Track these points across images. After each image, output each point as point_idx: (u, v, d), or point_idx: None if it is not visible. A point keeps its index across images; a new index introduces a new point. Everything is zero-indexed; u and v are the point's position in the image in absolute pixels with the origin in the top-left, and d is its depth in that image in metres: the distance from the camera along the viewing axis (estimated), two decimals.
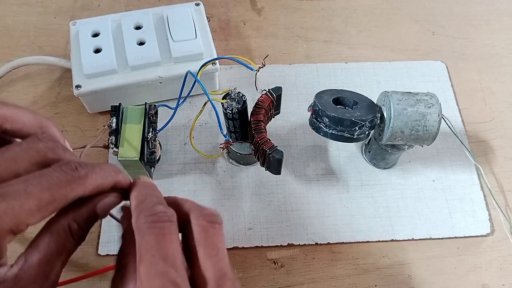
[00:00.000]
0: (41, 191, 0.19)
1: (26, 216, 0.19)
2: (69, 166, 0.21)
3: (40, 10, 0.54)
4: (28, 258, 0.21)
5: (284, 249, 0.41)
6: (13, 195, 0.19)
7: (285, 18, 0.56)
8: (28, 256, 0.21)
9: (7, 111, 0.22)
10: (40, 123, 0.23)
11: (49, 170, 0.21)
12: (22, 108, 0.23)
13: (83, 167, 0.21)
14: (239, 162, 0.45)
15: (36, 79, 0.49)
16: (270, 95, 0.38)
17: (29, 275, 0.20)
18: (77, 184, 0.21)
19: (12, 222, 0.19)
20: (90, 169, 0.21)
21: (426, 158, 0.47)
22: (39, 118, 0.23)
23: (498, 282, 0.41)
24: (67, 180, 0.20)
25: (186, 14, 0.46)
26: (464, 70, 0.53)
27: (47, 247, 0.21)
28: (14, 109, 0.23)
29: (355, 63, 0.53)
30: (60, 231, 0.22)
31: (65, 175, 0.20)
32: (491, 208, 0.44)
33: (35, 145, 0.21)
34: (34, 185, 0.19)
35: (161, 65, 0.44)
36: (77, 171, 0.21)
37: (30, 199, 0.19)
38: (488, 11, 0.59)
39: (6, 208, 0.19)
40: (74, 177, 0.21)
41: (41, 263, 0.21)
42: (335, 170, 0.46)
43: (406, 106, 0.38)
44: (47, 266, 0.21)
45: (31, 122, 0.23)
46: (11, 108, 0.22)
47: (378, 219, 0.43)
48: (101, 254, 0.40)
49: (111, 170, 0.23)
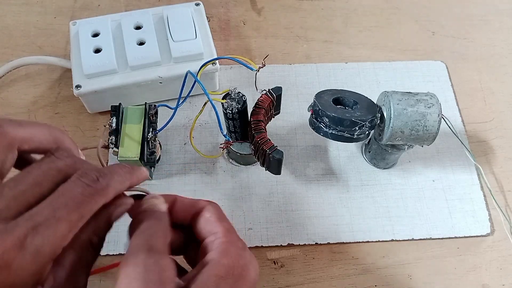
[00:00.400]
0: (69, 213, 0.20)
1: (61, 241, 0.20)
2: (90, 177, 0.21)
3: (40, 10, 0.54)
4: (56, 277, 0.21)
5: (284, 249, 0.41)
6: (45, 225, 0.19)
7: (285, 18, 0.56)
8: (56, 275, 0.21)
9: (24, 133, 0.22)
10: (55, 138, 0.24)
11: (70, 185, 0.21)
12: (36, 125, 0.23)
13: (103, 176, 0.22)
14: (239, 162, 0.45)
15: (36, 79, 0.49)
16: (270, 95, 0.38)
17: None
18: (100, 196, 0.21)
19: (51, 251, 0.19)
20: (109, 177, 0.22)
21: (426, 158, 0.47)
22: (53, 132, 0.24)
23: (498, 282, 0.41)
24: (90, 194, 0.21)
25: (186, 14, 0.46)
26: (464, 70, 0.53)
27: (72, 263, 0.22)
28: (30, 129, 0.23)
29: (355, 63, 0.53)
30: (82, 246, 0.23)
31: (87, 188, 0.21)
32: (491, 208, 0.44)
33: (55, 165, 0.22)
34: (61, 208, 0.20)
35: (161, 65, 0.44)
36: (99, 182, 0.21)
37: (61, 224, 0.20)
38: (488, 11, 0.59)
39: (42, 241, 0.19)
40: (97, 189, 0.21)
41: (69, 279, 0.22)
42: (335, 170, 0.46)
43: (406, 106, 0.38)
44: (74, 280, 0.22)
45: (47, 138, 0.23)
46: (27, 128, 0.23)
47: (378, 219, 0.43)
48: (101, 254, 0.39)
49: (126, 172, 0.24)
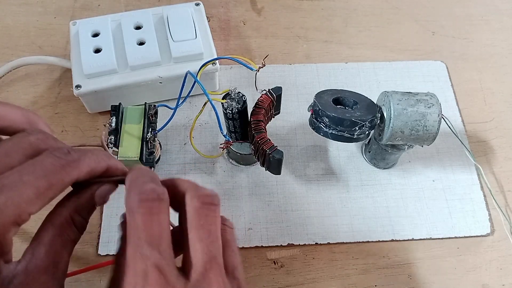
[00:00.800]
0: (37, 179, 0.20)
1: (26, 205, 0.19)
2: (61, 151, 0.21)
3: (40, 10, 0.54)
4: (35, 252, 0.21)
5: (284, 249, 0.41)
6: (10, 187, 0.19)
7: (285, 18, 0.56)
8: (34, 250, 0.21)
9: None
10: (28, 119, 0.23)
11: (41, 157, 0.21)
12: (8, 105, 0.23)
13: (75, 151, 0.21)
14: (239, 162, 0.45)
15: (36, 79, 0.49)
16: (270, 95, 0.38)
17: (38, 267, 0.21)
18: (71, 167, 0.21)
19: (14, 213, 0.19)
20: (82, 153, 0.22)
21: (426, 158, 0.47)
22: (26, 113, 0.23)
23: (498, 282, 0.41)
24: (61, 165, 0.20)
25: (186, 14, 0.46)
26: (464, 70, 0.53)
27: (52, 239, 0.22)
28: (1, 107, 0.23)
29: (355, 63, 0.53)
30: (63, 223, 0.22)
31: (58, 160, 0.21)
32: (491, 208, 0.44)
33: (26, 139, 0.22)
34: (29, 174, 0.20)
35: (161, 65, 0.44)
36: (70, 154, 0.21)
37: (27, 188, 0.19)
38: (488, 11, 0.59)
39: (6, 200, 0.19)
40: (68, 160, 0.21)
41: (48, 255, 0.21)
42: (335, 170, 0.46)
43: (406, 106, 0.38)
44: (55, 257, 0.21)
45: (20, 118, 0.23)
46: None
47: (378, 219, 0.43)
48: (101, 254, 0.40)
49: (103, 154, 0.23)
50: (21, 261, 0.21)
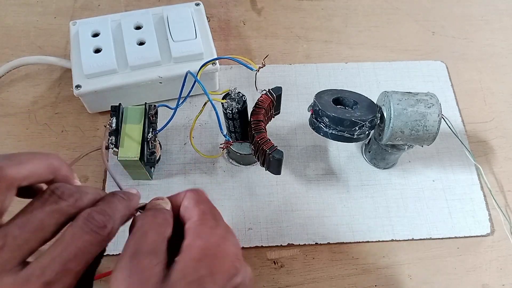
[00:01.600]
0: (78, 264, 0.21)
1: None
2: (97, 223, 0.22)
3: (40, 10, 0.54)
4: None
5: (284, 249, 0.41)
6: (56, 281, 0.20)
7: (285, 18, 0.56)
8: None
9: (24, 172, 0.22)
10: (52, 168, 0.24)
11: (79, 233, 0.21)
12: (34, 159, 0.23)
13: (108, 220, 0.22)
14: (239, 162, 0.45)
15: (36, 79, 0.49)
16: (270, 95, 0.38)
17: None
18: (106, 241, 0.22)
19: None
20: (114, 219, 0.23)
21: (426, 158, 0.47)
22: (50, 163, 0.24)
23: (498, 282, 0.41)
24: (98, 241, 0.22)
25: (186, 14, 0.46)
26: (464, 70, 0.53)
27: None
28: (28, 166, 0.23)
29: (355, 63, 0.53)
30: None
31: (96, 236, 0.22)
32: (491, 208, 0.44)
33: (58, 207, 0.22)
34: (71, 260, 0.21)
35: (161, 65, 0.44)
36: (106, 228, 0.22)
37: (70, 275, 0.20)
38: (488, 11, 0.59)
39: None
40: (104, 236, 0.22)
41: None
42: (335, 170, 0.46)
43: (406, 106, 0.38)
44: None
45: (45, 170, 0.24)
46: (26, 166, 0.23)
47: (378, 219, 0.43)
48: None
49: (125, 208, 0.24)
50: None
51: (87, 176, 0.43)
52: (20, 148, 0.44)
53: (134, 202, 0.25)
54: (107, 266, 0.39)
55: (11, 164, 0.22)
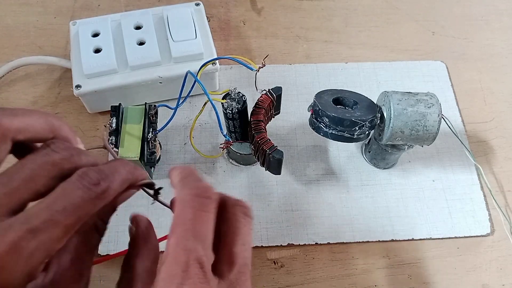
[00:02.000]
0: (67, 217, 0.19)
1: (56, 245, 0.19)
2: (91, 179, 0.21)
3: (40, 10, 0.54)
4: (61, 261, 0.21)
5: (284, 249, 0.41)
6: (41, 229, 0.19)
7: (285, 18, 0.56)
8: (60, 260, 0.21)
9: (18, 123, 0.21)
10: (51, 126, 0.23)
11: (70, 187, 0.20)
12: (32, 114, 0.22)
13: (104, 179, 0.21)
14: (239, 162, 0.45)
15: (36, 79, 0.49)
16: (270, 95, 0.38)
17: (65, 277, 0.21)
18: (100, 199, 0.21)
19: (44, 256, 0.19)
20: (111, 179, 0.21)
21: (426, 158, 0.47)
22: (50, 120, 0.23)
23: (498, 282, 0.41)
24: (90, 198, 0.20)
25: (186, 14, 0.46)
26: (464, 70, 0.53)
27: (77, 247, 0.22)
28: (24, 118, 0.22)
29: (355, 63, 0.53)
30: (87, 230, 0.22)
31: (88, 192, 0.20)
32: (491, 208, 0.44)
33: (50, 158, 0.21)
34: (59, 212, 0.19)
35: (161, 65, 0.44)
36: (100, 185, 0.21)
37: (57, 228, 0.19)
38: (488, 11, 0.59)
39: (37, 245, 0.18)
40: (97, 193, 0.20)
41: (74, 263, 0.21)
42: (335, 170, 0.46)
43: (406, 106, 0.38)
44: (80, 265, 0.22)
45: (43, 127, 0.22)
46: (22, 118, 0.22)
47: (378, 219, 0.43)
48: (101, 254, 0.40)
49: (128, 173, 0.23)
50: (49, 271, 0.21)
51: None
52: None
53: (140, 172, 0.24)
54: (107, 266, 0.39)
55: (5, 113, 0.21)
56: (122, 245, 0.40)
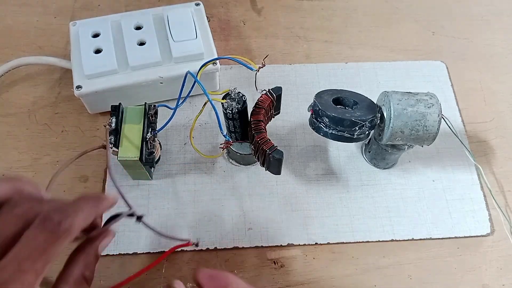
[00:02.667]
0: (34, 262, 0.20)
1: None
2: (52, 222, 0.21)
3: (40, 10, 0.54)
4: None
5: (284, 249, 0.41)
6: (12, 280, 0.19)
7: (285, 18, 0.56)
8: None
9: None
10: (14, 188, 0.24)
11: (33, 233, 0.21)
12: None
13: (65, 218, 0.22)
14: (239, 162, 0.45)
15: (36, 79, 0.49)
16: (270, 95, 0.38)
17: None
18: (63, 239, 0.22)
19: None
20: (73, 217, 0.22)
21: (426, 158, 0.47)
22: (11, 182, 0.24)
23: (498, 282, 0.41)
24: (54, 239, 0.21)
25: (186, 14, 0.46)
26: (464, 70, 0.53)
27: None
28: None
29: (355, 63, 0.53)
30: (76, 281, 0.23)
31: (51, 235, 0.21)
32: (491, 208, 0.44)
33: (13, 213, 0.22)
34: (25, 259, 0.20)
35: (162, 65, 0.44)
36: (61, 225, 0.22)
37: (27, 275, 0.20)
38: (488, 11, 0.59)
39: None
40: (60, 234, 0.21)
41: None
42: (335, 170, 0.46)
43: (406, 106, 0.38)
44: None
45: (6, 190, 0.24)
46: None
47: (378, 219, 0.43)
48: (101, 254, 0.39)
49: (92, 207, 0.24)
50: None
51: (87, 176, 0.43)
52: (20, 148, 0.44)
53: (104, 203, 0.25)
54: (107, 266, 0.39)
55: None
56: (122, 245, 0.40)
